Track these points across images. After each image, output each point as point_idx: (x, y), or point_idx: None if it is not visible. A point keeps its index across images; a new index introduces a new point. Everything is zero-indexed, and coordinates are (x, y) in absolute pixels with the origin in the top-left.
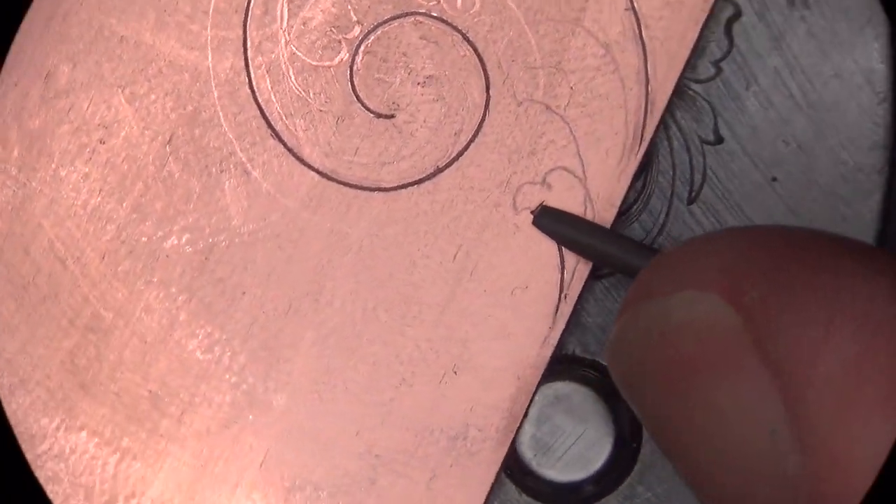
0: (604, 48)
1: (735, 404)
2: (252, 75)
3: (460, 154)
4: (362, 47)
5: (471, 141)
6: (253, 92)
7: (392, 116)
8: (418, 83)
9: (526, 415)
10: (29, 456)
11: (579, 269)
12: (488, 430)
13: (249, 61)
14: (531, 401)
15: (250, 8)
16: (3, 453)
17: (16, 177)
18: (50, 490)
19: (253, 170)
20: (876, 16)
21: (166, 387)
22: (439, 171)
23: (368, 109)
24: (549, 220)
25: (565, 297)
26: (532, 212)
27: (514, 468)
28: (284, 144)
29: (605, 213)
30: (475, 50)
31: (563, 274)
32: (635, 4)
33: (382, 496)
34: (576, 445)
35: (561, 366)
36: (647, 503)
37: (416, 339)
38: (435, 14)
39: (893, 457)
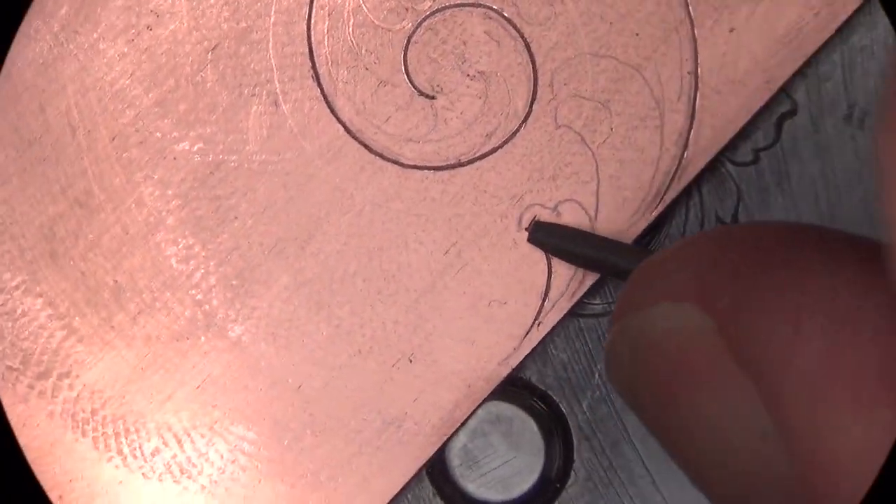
0: (656, 102)
1: (723, 410)
2: (313, 13)
3: (485, 156)
4: (426, 22)
5: (499, 146)
6: (308, 29)
7: (432, 98)
8: (468, 74)
9: (464, 424)
10: None
11: (560, 302)
12: (424, 426)
13: None
14: (473, 412)
15: None
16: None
17: (56, 34)
18: None
19: (283, 103)
20: None
21: (132, 282)
22: (459, 164)
23: (412, 83)
24: (544, 234)
25: (538, 325)
26: (526, 228)
27: (436, 470)
28: (322, 89)
29: None
30: (532, 62)
31: (544, 302)
32: (699, 71)
33: (303, 455)
34: (502, 468)
35: (513, 388)
36: None
37: (384, 317)
38: (506, 14)
39: (893, 457)
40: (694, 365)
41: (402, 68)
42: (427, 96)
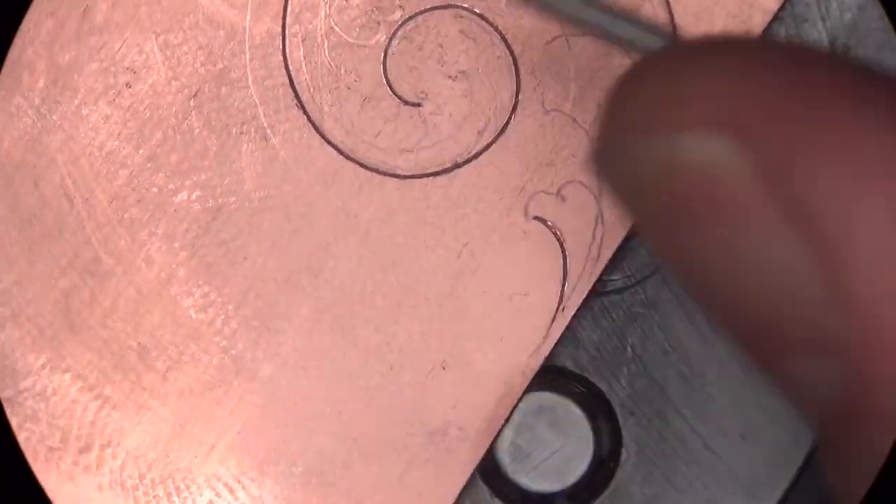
0: None
1: (761, 257)
2: (287, 43)
3: (480, 153)
4: (400, 32)
5: (492, 141)
6: (285, 59)
7: (418, 105)
8: (450, 76)
9: (508, 420)
10: (9, 392)
11: (580, 284)
12: (468, 430)
13: (286, 28)
14: (515, 407)
15: None
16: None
17: (38, 107)
18: (26, 428)
19: (273, 136)
20: None
21: (156, 341)
22: (457, 166)
23: (396, 94)
24: None
25: (563, 310)
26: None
27: (488, 471)
28: (308, 116)
29: (614, 234)
30: (511, 53)
31: (564, 287)
32: (677, 33)
33: (354, 481)
34: (553, 457)
35: (549, 377)
36: None
37: (410, 330)
38: (477, 10)
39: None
40: (727, 203)
41: (384, 81)
42: (413, 105)
